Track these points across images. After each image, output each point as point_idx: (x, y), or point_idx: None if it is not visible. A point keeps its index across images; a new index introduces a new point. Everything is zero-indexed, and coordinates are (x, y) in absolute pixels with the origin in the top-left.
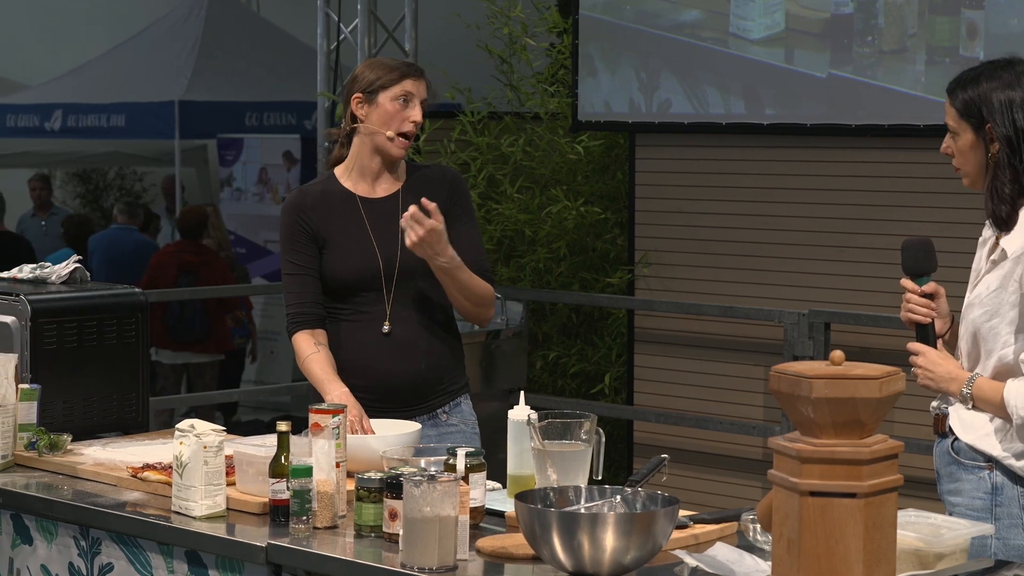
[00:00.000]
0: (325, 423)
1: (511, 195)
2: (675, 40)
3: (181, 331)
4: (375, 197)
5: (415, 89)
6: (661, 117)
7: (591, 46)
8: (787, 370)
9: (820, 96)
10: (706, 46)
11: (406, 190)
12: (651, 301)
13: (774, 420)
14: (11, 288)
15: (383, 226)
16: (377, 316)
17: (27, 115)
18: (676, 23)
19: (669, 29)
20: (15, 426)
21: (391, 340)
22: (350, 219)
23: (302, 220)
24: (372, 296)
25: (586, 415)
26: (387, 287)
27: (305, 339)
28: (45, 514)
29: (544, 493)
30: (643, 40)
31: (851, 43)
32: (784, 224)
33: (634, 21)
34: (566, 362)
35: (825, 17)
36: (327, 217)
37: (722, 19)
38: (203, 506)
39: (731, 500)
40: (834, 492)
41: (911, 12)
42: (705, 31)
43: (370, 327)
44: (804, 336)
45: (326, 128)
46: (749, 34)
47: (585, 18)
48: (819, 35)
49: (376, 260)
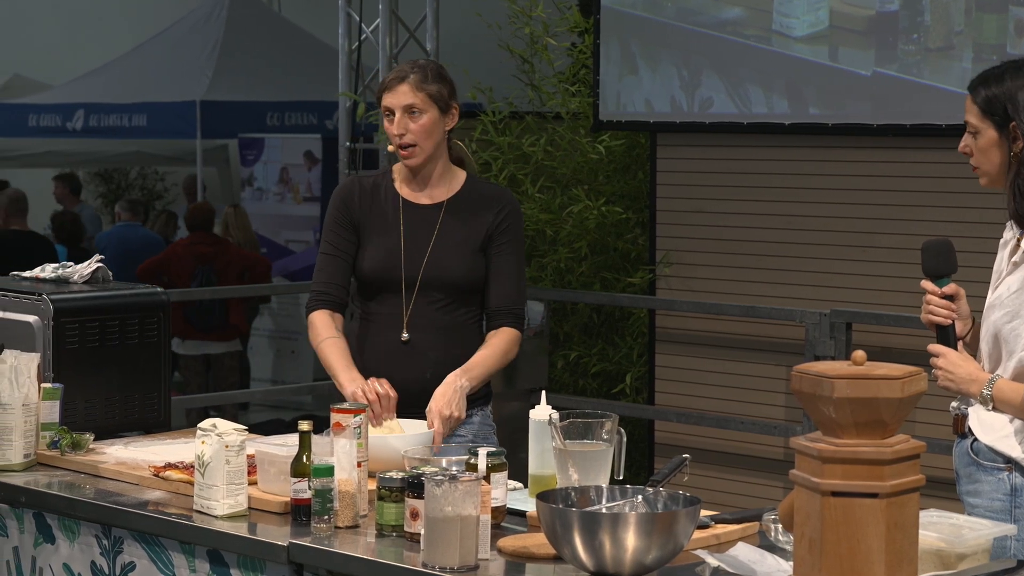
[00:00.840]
0: (347, 422)
1: (532, 195)
2: (717, 37)
3: (200, 319)
4: (418, 203)
5: (392, 101)
6: (682, 116)
7: (632, 44)
8: (809, 370)
9: (865, 94)
10: (749, 44)
11: (452, 203)
12: (672, 301)
13: (795, 420)
14: (33, 288)
15: (417, 233)
16: (394, 321)
17: (49, 115)
18: (718, 20)
19: (711, 26)
20: (37, 425)
21: (407, 347)
22: (387, 219)
23: (347, 207)
24: (392, 300)
25: (607, 415)
26: (407, 294)
27: (323, 319)
28: (67, 513)
29: (565, 493)
30: (684, 37)
31: (896, 41)
32: (806, 224)
33: (675, 18)
34: (587, 362)
35: (870, 14)
36: (369, 211)
37: (765, 16)
38: (225, 505)
39: (752, 500)
40: (856, 492)
41: (958, 9)
42: (748, 28)
43: (386, 332)
44: (826, 336)
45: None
46: (792, 31)
47: (621, 15)
48: (864, 32)
49: (399, 264)
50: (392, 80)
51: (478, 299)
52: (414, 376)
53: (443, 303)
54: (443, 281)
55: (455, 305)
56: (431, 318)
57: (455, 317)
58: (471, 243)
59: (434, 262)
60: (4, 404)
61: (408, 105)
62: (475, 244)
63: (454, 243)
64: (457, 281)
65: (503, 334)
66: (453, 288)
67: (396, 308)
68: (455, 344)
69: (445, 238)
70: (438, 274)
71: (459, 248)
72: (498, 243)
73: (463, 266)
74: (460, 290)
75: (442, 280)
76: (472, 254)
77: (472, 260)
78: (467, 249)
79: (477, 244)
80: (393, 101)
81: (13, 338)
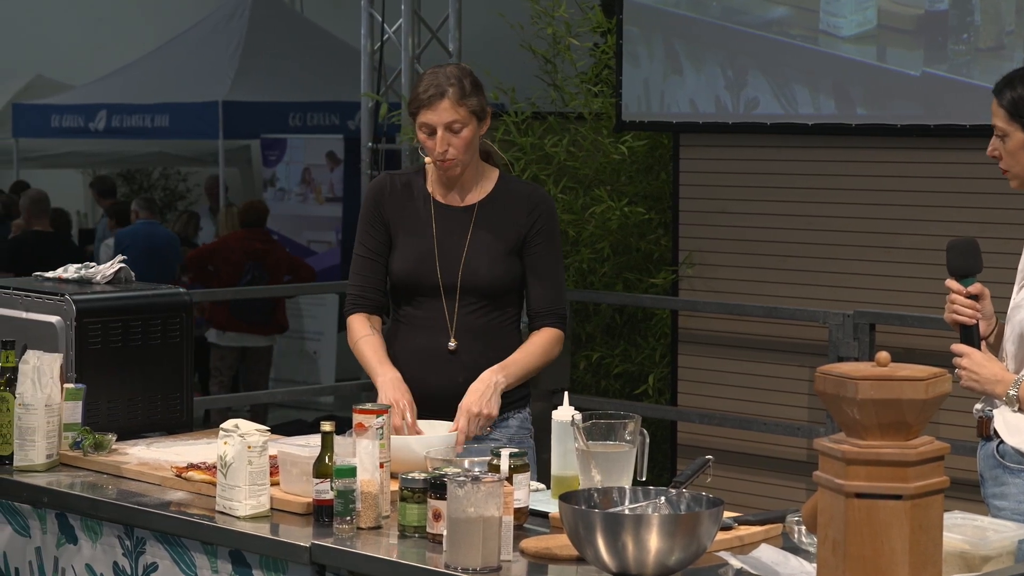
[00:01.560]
0: (369, 423)
1: (555, 195)
2: (763, 37)
3: (243, 310)
4: (451, 204)
5: (433, 118)
6: (705, 117)
7: (677, 43)
8: (832, 371)
9: (914, 95)
10: (795, 43)
11: (485, 205)
12: (695, 302)
13: (819, 421)
14: (56, 288)
15: (450, 236)
16: (436, 327)
17: (72, 115)
18: (764, 20)
19: (757, 26)
20: (60, 426)
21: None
22: (419, 220)
23: (380, 206)
24: (429, 304)
25: (630, 416)
26: (448, 299)
27: (360, 321)
28: (90, 513)
29: (588, 494)
30: (730, 37)
31: (946, 40)
32: (829, 224)
33: (720, 18)
34: (610, 363)
35: (919, 14)
36: (401, 211)
37: (812, 16)
38: (247, 506)
39: (776, 502)
40: (880, 494)
41: (1008, 9)
42: (794, 28)
43: (426, 336)
44: (849, 337)
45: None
46: (840, 31)
47: (661, 14)
48: (913, 32)
49: (434, 268)
50: (431, 96)
51: (514, 300)
52: (450, 381)
53: (478, 306)
54: (479, 286)
55: (489, 308)
56: (467, 322)
57: (490, 320)
58: (504, 246)
59: (470, 267)
60: (27, 405)
61: (450, 122)
62: (508, 247)
63: (487, 247)
64: (492, 285)
65: (545, 333)
66: (488, 292)
67: (435, 313)
68: (492, 348)
69: (479, 242)
70: (474, 279)
71: (492, 252)
72: (534, 244)
73: (497, 270)
74: (495, 294)
75: (478, 285)
76: (506, 257)
77: (506, 264)
78: (500, 252)
79: (510, 247)
80: (434, 118)
81: (36, 339)
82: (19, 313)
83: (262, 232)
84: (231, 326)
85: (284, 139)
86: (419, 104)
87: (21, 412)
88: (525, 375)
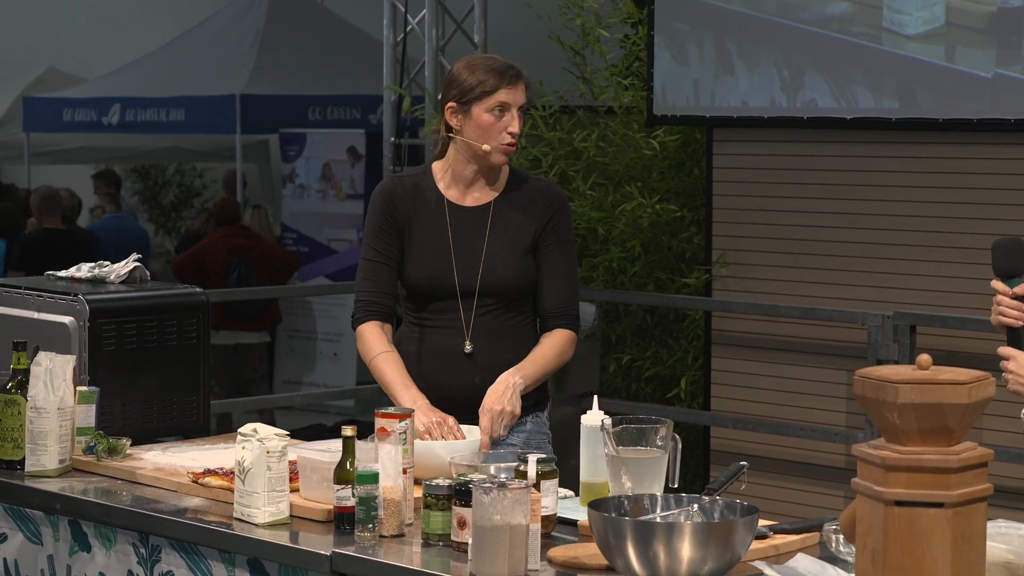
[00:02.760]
0: (392, 427)
1: (584, 192)
2: (822, 35)
3: (237, 308)
4: (465, 205)
5: (511, 98)
6: (740, 111)
7: (728, 41)
8: (872, 374)
9: (984, 97)
10: (856, 42)
11: (499, 203)
12: (729, 302)
13: (857, 426)
14: (69, 288)
15: (466, 237)
16: (452, 330)
17: (84, 109)
18: (822, 16)
19: (815, 23)
20: (73, 430)
21: (468, 356)
22: (434, 222)
23: (390, 209)
24: (446, 307)
25: (662, 420)
26: (465, 302)
27: (374, 333)
28: (103, 520)
29: (618, 501)
30: (784, 34)
31: (1020, 40)
32: (868, 222)
33: (775, 14)
34: (640, 365)
35: (991, 11)
36: (413, 214)
37: (874, 12)
38: (266, 513)
39: (813, 510)
40: (921, 502)
41: None
42: (855, 25)
43: (444, 339)
44: (889, 339)
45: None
46: (905, 29)
47: (713, 9)
48: (983, 30)
49: (451, 272)
50: (515, 75)
51: (529, 301)
52: (467, 383)
53: (494, 308)
54: (498, 288)
55: (504, 309)
56: (482, 324)
57: (505, 321)
58: (520, 246)
59: (489, 269)
60: (39, 408)
61: (523, 105)
62: (524, 246)
63: (504, 247)
64: (511, 287)
65: (558, 335)
66: (507, 294)
67: (452, 316)
68: (509, 349)
69: (496, 243)
70: (494, 281)
71: (509, 252)
72: (547, 242)
73: (515, 271)
74: (513, 295)
75: (497, 287)
76: (522, 257)
77: (523, 263)
78: (517, 252)
79: (526, 246)
80: (514, 98)
81: (48, 340)
82: (31, 314)
83: (241, 228)
84: (224, 324)
85: (304, 134)
86: (499, 82)
87: (33, 416)
88: (541, 377)
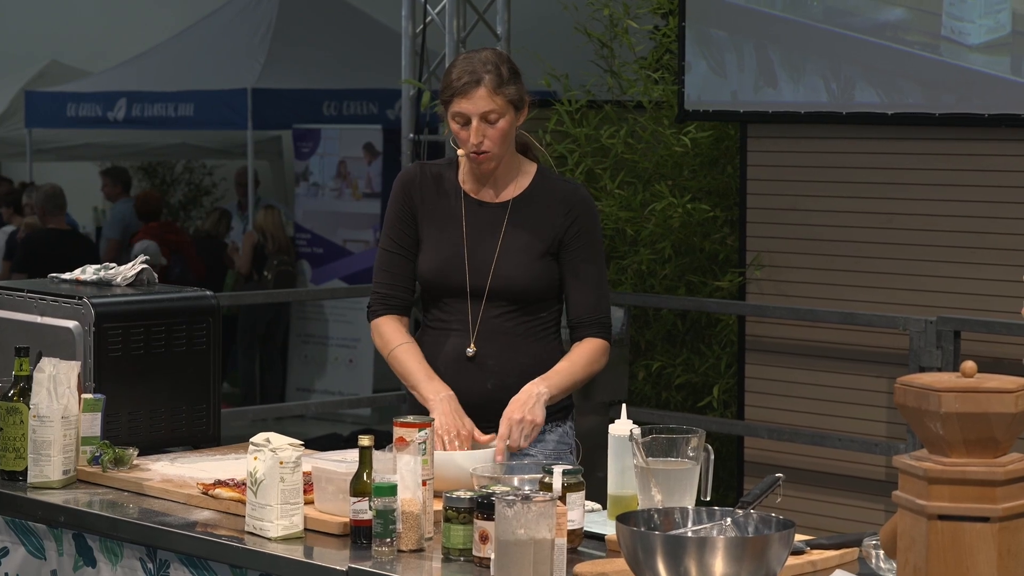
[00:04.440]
0: (411, 437)
1: (612, 191)
2: (874, 44)
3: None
4: (483, 200)
5: (468, 107)
6: (775, 106)
7: (771, 49)
8: (914, 382)
9: None
10: (913, 52)
11: (519, 203)
12: (764, 306)
13: (899, 437)
14: (74, 291)
15: (481, 235)
16: (459, 331)
17: (89, 104)
18: (875, 23)
19: (867, 30)
20: (78, 439)
21: (471, 360)
22: (449, 215)
23: (409, 198)
24: (455, 306)
25: (693, 430)
26: (474, 303)
27: (392, 326)
28: (109, 534)
29: (648, 515)
30: (834, 42)
31: None
32: (910, 223)
33: (822, 20)
34: (671, 373)
35: None
36: (431, 205)
37: (932, 19)
38: (279, 526)
39: (852, 524)
40: (965, 516)
41: None
42: (911, 33)
43: (450, 340)
44: (932, 345)
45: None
46: (966, 38)
47: (754, 14)
48: None
49: (463, 269)
50: (466, 84)
51: (550, 306)
52: (479, 388)
53: (506, 310)
54: (509, 289)
55: (519, 312)
56: (494, 327)
57: (518, 325)
58: (537, 248)
59: (500, 269)
60: (42, 416)
61: (486, 112)
62: (541, 249)
63: (519, 248)
64: (524, 289)
65: (588, 344)
66: (520, 296)
67: (460, 316)
68: (521, 353)
69: (511, 242)
70: (505, 282)
71: (524, 254)
72: (572, 248)
73: (529, 274)
74: (526, 298)
75: (509, 288)
76: (538, 260)
77: (539, 267)
78: (533, 255)
79: (544, 249)
80: (469, 107)
81: (52, 345)
82: (34, 318)
83: (167, 223)
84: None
85: (318, 130)
86: (452, 92)
87: (36, 425)
88: (569, 387)
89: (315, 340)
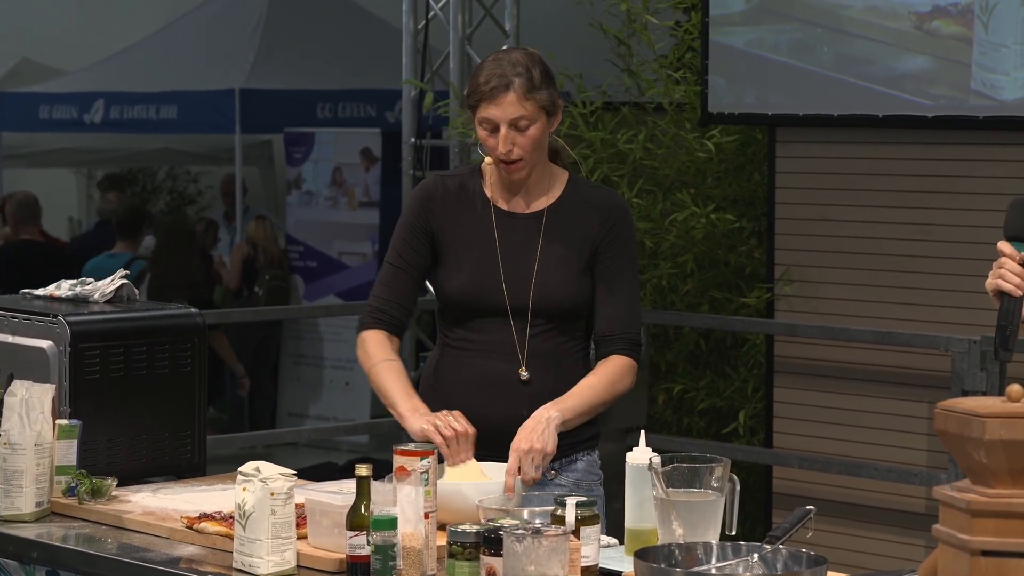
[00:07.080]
0: (412, 467)
1: (629, 199)
2: (892, 96)
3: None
4: (515, 211)
5: (496, 113)
6: (805, 108)
7: (772, 98)
8: (956, 407)
9: None
10: (938, 107)
11: (553, 213)
12: (794, 325)
13: (940, 466)
14: (48, 308)
15: (516, 249)
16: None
17: (64, 106)
18: (893, 73)
19: (883, 81)
20: (52, 469)
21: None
22: (479, 230)
23: (429, 213)
24: (491, 327)
25: (717, 459)
26: (517, 323)
27: (378, 340)
28: (86, 571)
29: (668, 551)
30: (845, 94)
31: None
32: (952, 234)
33: (833, 69)
34: (693, 397)
35: None
36: (456, 220)
37: (961, 70)
38: (270, 563)
39: (889, 560)
40: (1011, 552)
41: None
42: (936, 86)
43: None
44: (976, 367)
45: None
46: (999, 92)
47: (765, 62)
48: None
49: (500, 287)
50: (495, 88)
51: (582, 324)
52: (515, 415)
53: (545, 330)
54: (551, 306)
55: (557, 332)
56: (536, 348)
57: (559, 345)
58: (576, 261)
59: (541, 285)
60: (13, 444)
61: (516, 119)
62: (580, 262)
63: (560, 261)
64: (565, 306)
65: (613, 362)
66: (560, 314)
67: (499, 337)
68: (561, 378)
69: (549, 256)
70: (546, 299)
71: (563, 268)
72: (606, 257)
73: (570, 289)
74: (567, 316)
75: (550, 305)
76: (578, 274)
77: (579, 281)
78: (572, 268)
79: (582, 262)
80: (498, 114)
81: (24, 366)
82: (4, 337)
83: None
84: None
85: (312, 133)
86: (480, 97)
87: (7, 453)
88: (587, 411)
89: (308, 361)
